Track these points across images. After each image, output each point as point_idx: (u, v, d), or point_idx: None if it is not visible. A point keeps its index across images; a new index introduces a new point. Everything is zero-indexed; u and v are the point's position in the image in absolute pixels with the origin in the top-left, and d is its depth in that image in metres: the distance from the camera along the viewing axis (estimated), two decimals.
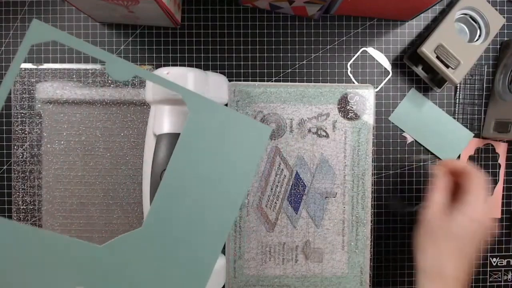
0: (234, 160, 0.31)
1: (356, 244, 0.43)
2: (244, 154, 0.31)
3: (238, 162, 0.31)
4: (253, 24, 0.44)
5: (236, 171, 0.31)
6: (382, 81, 0.45)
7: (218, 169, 0.31)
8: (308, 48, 0.45)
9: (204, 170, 0.30)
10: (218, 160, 0.31)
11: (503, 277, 0.46)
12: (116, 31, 0.44)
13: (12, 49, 0.44)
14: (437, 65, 0.41)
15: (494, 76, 0.45)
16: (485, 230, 0.35)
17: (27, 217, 0.42)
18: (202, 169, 0.30)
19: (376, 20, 0.45)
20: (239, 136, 0.31)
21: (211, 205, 0.31)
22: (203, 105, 0.30)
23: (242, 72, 0.44)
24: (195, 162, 0.30)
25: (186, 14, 0.44)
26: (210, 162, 0.31)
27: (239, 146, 0.31)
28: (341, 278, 0.43)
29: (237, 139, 0.31)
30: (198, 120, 0.30)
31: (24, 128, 0.43)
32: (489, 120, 0.45)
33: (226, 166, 0.31)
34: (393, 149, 0.45)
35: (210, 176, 0.31)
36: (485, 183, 0.36)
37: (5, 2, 0.44)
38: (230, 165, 0.31)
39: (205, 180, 0.30)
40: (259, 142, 0.31)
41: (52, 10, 0.44)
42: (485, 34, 0.42)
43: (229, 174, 0.31)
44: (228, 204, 0.31)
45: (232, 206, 0.31)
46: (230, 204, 0.31)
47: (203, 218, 0.30)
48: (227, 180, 0.31)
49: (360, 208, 0.43)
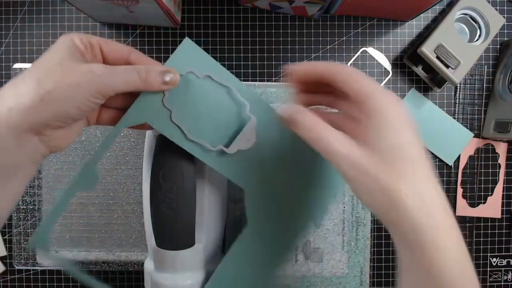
0: (309, 179, 0.33)
1: (356, 244, 0.43)
2: (320, 176, 0.33)
3: (314, 182, 0.33)
4: (253, 24, 0.44)
5: (309, 190, 0.33)
6: (382, 81, 0.45)
7: (290, 183, 0.33)
8: (308, 48, 0.45)
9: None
10: (291, 176, 0.33)
11: (503, 277, 0.46)
12: (116, 31, 0.44)
13: (12, 49, 0.44)
14: (437, 65, 0.41)
15: (494, 76, 0.45)
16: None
17: (27, 217, 0.42)
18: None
19: (376, 20, 0.45)
20: (316, 159, 0.33)
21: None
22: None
23: (242, 72, 0.44)
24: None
25: (186, 14, 0.44)
26: (283, 175, 0.33)
27: (316, 168, 0.33)
28: (341, 278, 0.43)
29: (315, 161, 0.33)
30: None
31: None
32: (489, 120, 0.45)
33: (299, 183, 0.33)
34: None
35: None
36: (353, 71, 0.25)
37: (5, 2, 0.44)
38: (303, 183, 0.33)
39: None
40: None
41: (52, 10, 0.44)
42: (485, 34, 0.42)
43: (299, 190, 0.33)
44: (293, 221, 0.33)
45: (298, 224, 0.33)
46: (296, 222, 0.33)
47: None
48: (296, 198, 0.33)
49: (360, 208, 0.43)
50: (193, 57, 0.31)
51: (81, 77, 0.24)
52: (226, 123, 0.32)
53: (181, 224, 0.33)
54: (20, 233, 0.42)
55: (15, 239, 0.42)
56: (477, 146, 0.45)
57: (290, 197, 0.33)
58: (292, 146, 0.33)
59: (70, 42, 0.26)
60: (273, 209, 0.33)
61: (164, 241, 0.33)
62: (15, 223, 0.42)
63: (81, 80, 0.24)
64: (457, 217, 0.45)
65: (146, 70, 0.27)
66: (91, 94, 0.25)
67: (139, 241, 0.43)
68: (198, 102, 0.31)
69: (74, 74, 0.24)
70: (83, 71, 0.25)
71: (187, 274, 0.34)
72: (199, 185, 0.35)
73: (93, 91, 0.25)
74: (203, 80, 0.31)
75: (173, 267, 0.34)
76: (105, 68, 0.26)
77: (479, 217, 0.45)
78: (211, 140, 0.31)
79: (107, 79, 0.25)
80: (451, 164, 0.45)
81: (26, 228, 0.42)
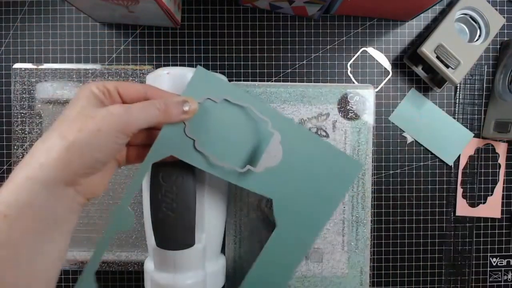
0: (324, 186, 0.35)
1: (356, 244, 0.43)
2: (333, 183, 0.35)
3: (327, 188, 0.35)
4: (253, 24, 0.44)
5: (324, 196, 0.35)
6: (382, 81, 0.45)
7: (309, 190, 0.35)
8: (308, 48, 0.45)
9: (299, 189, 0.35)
10: (310, 183, 0.35)
11: (503, 277, 0.46)
12: (116, 31, 0.44)
13: (12, 49, 0.44)
14: (437, 65, 0.41)
15: (494, 76, 0.45)
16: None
17: None
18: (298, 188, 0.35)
19: (376, 20, 0.45)
20: (333, 167, 0.35)
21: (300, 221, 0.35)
22: (305, 136, 0.35)
23: (242, 72, 0.44)
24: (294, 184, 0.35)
25: (186, 14, 0.44)
26: (304, 183, 0.35)
27: (331, 175, 0.35)
28: (341, 278, 0.43)
29: (330, 169, 0.35)
30: (296, 149, 0.34)
31: (24, 128, 0.43)
32: (489, 120, 0.45)
33: (316, 189, 0.35)
34: (393, 149, 0.45)
35: (303, 194, 0.35)
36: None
37: (5, 2, 0.44)
38: (319, 190, 0.35)
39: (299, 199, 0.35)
40: (349, 175, 0.36)
41: (52, 10, 0.44)
42: (485, 34, 0.42)
43: (317, 197, 0.35)
44: (311, 224, 0.35)
45: (315, 226, 0.36)
46: (313, 224, 0.35)
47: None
48: (314, 203, 0.35)
49: (360, 208, 0.43)
50: (208, 83, 0.32)
51: (101, 121, 0.25)
52: (249, 142, 0.33)
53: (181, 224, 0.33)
54: None
55: None
56: (477, 146, 0.45)
57: (311, 201, 0.35)
58: (311, 154, 0.35)
59: (87, 92, 0.26)
60: (298, 212, 0.35)
61: (164, 241, 0.33)
62: None
63: (101, 124, 0.25)
64: (457, 217, 0.45)
65: (164, 103, 0.28)
66: (113, 135, 0.25)
67: (139, 241, 0.43)
68: (219, 127, 0.32)
69: (94, 120, 0.25)
70: (103, 115, 0.25)
71: (187, 274, 0.34)
72: (199, 185, 0.35)
73: (114, 132, 0.25)
74: (221, 104, 0.32)
75: (173, 267, 0.34)
76: (123, 107, 0.26)
77: (479, 217, 0.45)
78: (236, 161, 0.33)
79: (126, 118, 0.26)
80: (451, 164, 0.45)
81: None
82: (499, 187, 0.45)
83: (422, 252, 0.45)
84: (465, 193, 0.45)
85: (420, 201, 0.45)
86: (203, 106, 0.31)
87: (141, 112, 0.26)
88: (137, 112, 0.26)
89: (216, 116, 0.32)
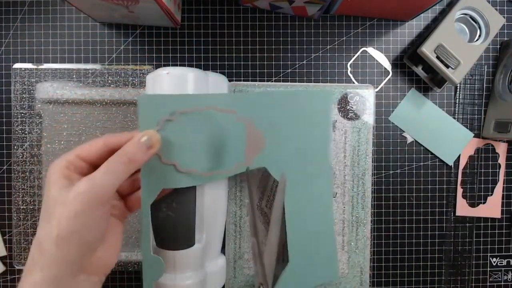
0: (311, 131, 0.35)
1: (356, 244, 0.43)
2: (315, 123, 0.36)
3: (314, 132, 0.36)
4: (253, 24, 0.44)
5: (314, 141, 0.36)
6: (382, 81, 0.45)
7: (302, 145, 0.35)
8: (308, 48, 0.45)
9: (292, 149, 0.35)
10: (299, 136, 0.35)
11: (503, 277, 0.46)
12: (116, 31, 0.44)
13: (12, 49, 0.44)
14: (437, 65, 0.41)
15: (494, 76, 0.45)
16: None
17: (27, 217, 0.42)
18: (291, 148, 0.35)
19: (376, 20, 0.45)
20: (306, 110, 0.35)
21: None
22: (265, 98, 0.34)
23: (242, 72, 0.44)
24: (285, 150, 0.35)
25: (186, 14, 0.44)
26: (295, 139, 0.35)
27: (312, 118, 0.35)
28: (341, 278, 0.43)
29: (306, 113, 0.35)
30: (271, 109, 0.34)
31: (24, 128, 0.43)
32: (489, 120, 0.45)
33: (306, 139, 0.35)
34: (393, 149, 0.45)
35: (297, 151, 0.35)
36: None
37: (5, 2, 0.44)
38: (309, 138, 0.35)
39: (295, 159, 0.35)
40: (324, 106, 0.36)
41: (52, 10, 0.44)
42: (485, 34, 0.42)
43: (309, 144, 0.35)
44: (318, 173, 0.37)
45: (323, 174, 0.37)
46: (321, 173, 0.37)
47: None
48: (310, 156, 0.36)
49: (360, 208, 0.43)
50: (157, 106, 0.30)
51: (73, 205, 0.24)
52: (230, 139, 0.33)
53: (181, 224, 0.33)
54: (20, 233, 0.42)
55: (15, 239, 0.42)
56: (477, 146, 0.45)
57: (308, 154, 0.36)
58: (285, 112, 0.35)
59: (53, 175, 0.25)
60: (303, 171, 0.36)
61: (164, 241, 0.33)
62: (15, 223, 0.42)
63: (74, 207, 0.24)
64: (457, 217, 0.45)
65: (125, 153, 0.26)
66: (92, 211, 0.24)
67: (139, 241, 0.43)
68: (193, 140, 0.31)
69: (66, 207, 0.24)
70: (72, 197, 0.24)
71: (187, 274, 0.34)
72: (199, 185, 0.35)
73: (90, 209, 0.24)
74: (181, 118, 0.31)
75: (173, 267, 0.34)
76: (87, 181, 0.25)
77: (479, 217, 0.45)
78: (227, 164, 0.32)
79: (95, 190, 0.25)
80: (451, 164, 0.45)
81: (26, 228, 0.42)
82: (499, 187, 0.45)
83: (422, 252, 0.45)
84: (465, 193, 0.45)
85: (420, 201, 0.45)
86: (166, 129, 0.30)
87: (107, 176, 0.25)
88: (102, 178, 0.25)
89: (185, 132, 0.31)
